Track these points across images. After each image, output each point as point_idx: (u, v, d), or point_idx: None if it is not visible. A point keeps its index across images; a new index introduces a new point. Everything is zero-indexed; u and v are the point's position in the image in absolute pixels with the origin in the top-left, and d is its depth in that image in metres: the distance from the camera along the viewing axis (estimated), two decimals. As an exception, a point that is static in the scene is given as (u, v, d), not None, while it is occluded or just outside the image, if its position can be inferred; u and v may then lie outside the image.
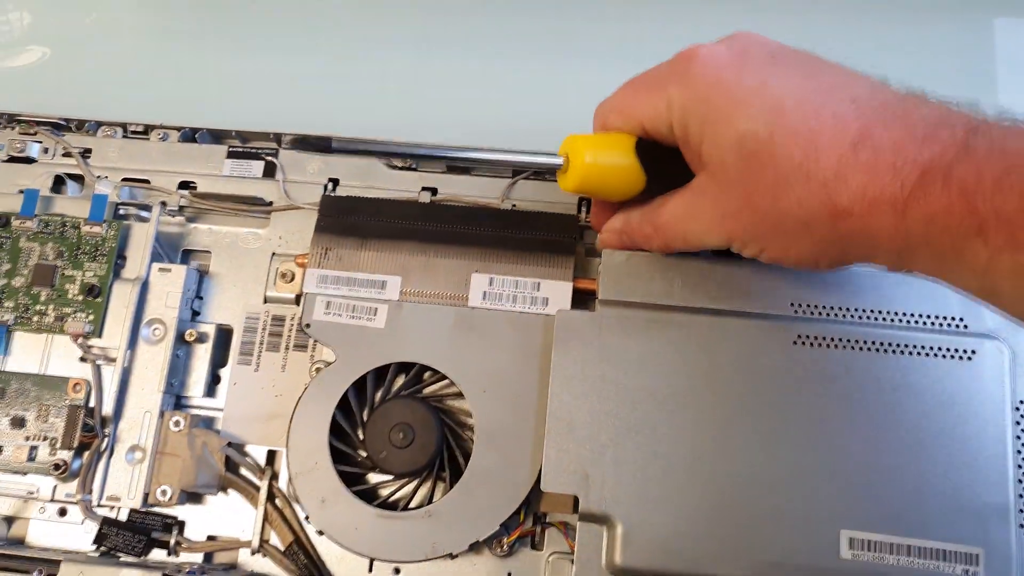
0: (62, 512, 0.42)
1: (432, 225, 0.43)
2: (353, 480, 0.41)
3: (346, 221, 0.43)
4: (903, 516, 0.37)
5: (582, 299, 0.42)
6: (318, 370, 0.42)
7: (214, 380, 0.44)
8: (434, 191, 0.45)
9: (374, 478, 0.42)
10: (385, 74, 0.53)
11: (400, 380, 0.42)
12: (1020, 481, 0.37)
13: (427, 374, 0.42)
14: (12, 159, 0.46)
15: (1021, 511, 0.37)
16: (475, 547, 0.39)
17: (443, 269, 0.42)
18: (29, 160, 0.46)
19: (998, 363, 0.38)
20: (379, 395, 0.42)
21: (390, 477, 0.41)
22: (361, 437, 0.41)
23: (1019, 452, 0.37)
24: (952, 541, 0.36)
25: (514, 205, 0.44)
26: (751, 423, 0.38)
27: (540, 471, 0.37)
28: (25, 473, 0.41)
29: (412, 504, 0.41)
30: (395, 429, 0.40)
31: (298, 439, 0.40)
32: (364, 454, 0.41)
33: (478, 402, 0.40)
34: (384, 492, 0.41)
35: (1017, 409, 0.38)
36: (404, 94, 0.52)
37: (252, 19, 0.55)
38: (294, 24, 0.54)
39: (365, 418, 0.41)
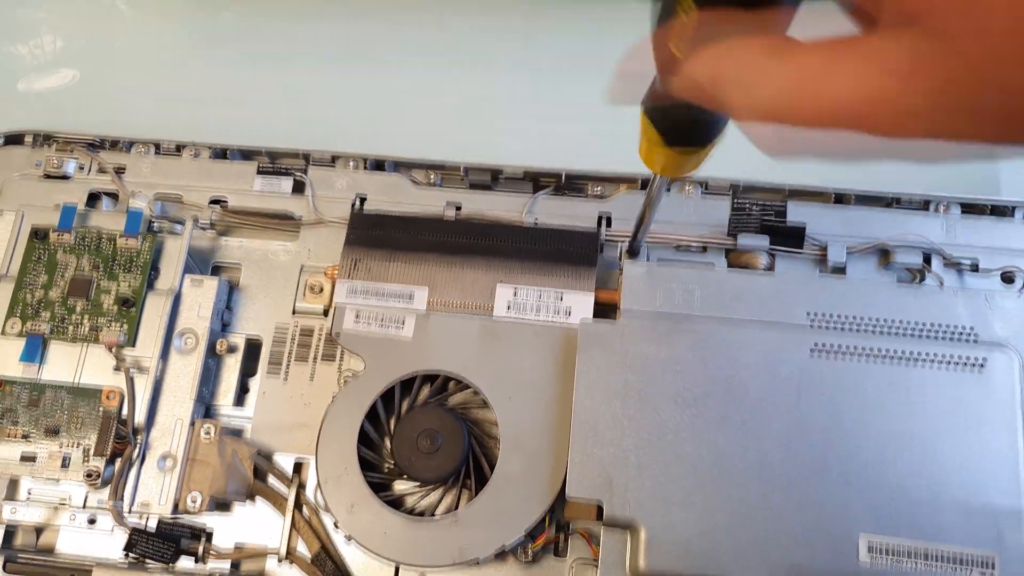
0: (91, 521, 0.42)
1: (458, 238, 0.44)
2: (380, 489, 0.41)
3: (375, 234, 0.44)
4: (918, 521, 0.38)
5: (603, 311, 0.43)
6: (347, 380, 0.43)
7: (243, 390, 0.45)
8: (458, 207, 0.47)
9: (400, 486, 0.42)
10: (411, 92, 0.55)
11: (426, 389, 0.43)
12: (1033, 485, 0.38)
13: (452, 383, 0.43)
14: (48, 176, 0.48)
15: (1035, 514, 0.37)
16: (500, 553, 0.40)
17: (469, 281, 0.43)
18: (65, 177, 0.48)
19: (1008, 371, 0.40)
20: (406, 404, 0.43)
21: (416, 486, 0.42)
22: (389, 446, 0.42)
23: (1031, 457, 0.38)
24: (967, 545, 0.37)
25: (536, 221, 0.46)
26: (770, 429, 0.39)
27: (565, 477, 0.38)
28: (58, 481, 0.42)
29: (438, 512, 0.41)
30: (422, 436, 0.41)
31: (327, 447, 0.41)
32: (391, 463, 0.42)
33: (503, 410, 0.41)
34: (410, 501, 0.42)
35: (1028, 416, 0.39)
36: (430, 111, 0.53)
37: (279, 38, 0.57)
38: (322, 43, 0.56)
39: (392, 427, 0.42)
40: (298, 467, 0.43)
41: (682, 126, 0.27)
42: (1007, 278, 0.44)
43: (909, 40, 0.15)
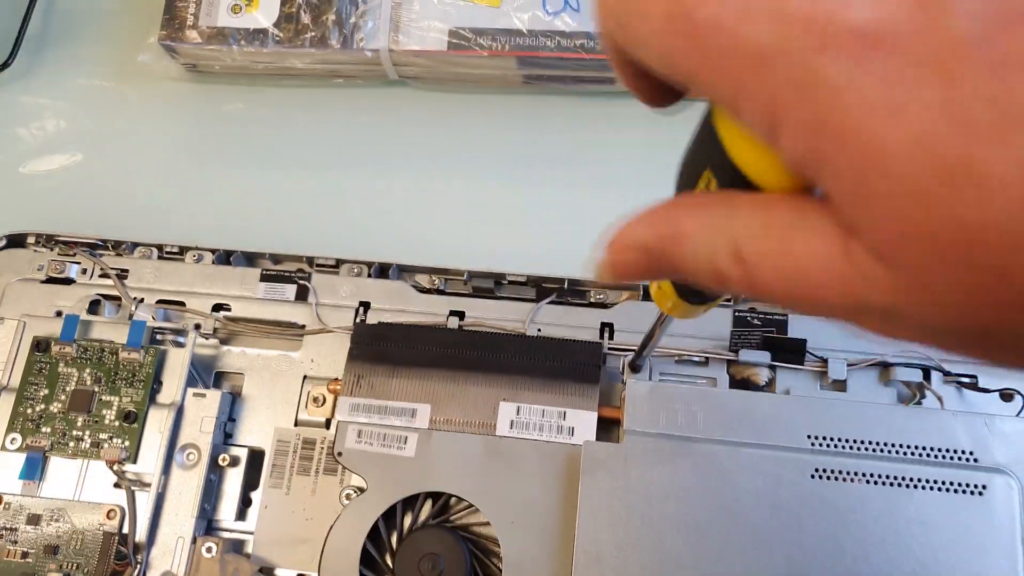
0: (90, 638, 0.42)
1: (461, 352, 0.44)
2: (382, 608, 0.41)
3: (378, 348, 0.44)
4: (921, 651, 0.38)
5: (606, 425, 0.43)
6: (349, 497, 0.43)
7: (245, 503, 0.44)
8: (461, 315, 0.47)
9: (402, 605, 0.42)
10: (416, 196, 0.55)
11: (428, 507, 0.43)
12: (1034, 618, 0.38)
13: (454, 501, 0.43)
14: (51, 280, 0.48)
15: (1037, 651, 0.38)
16: None
17: (472, 397, 0.43)
18: (68, 281, 0.48)
19: (1009, 498, 0.40)
20: (408, 521, 0.43)
21: (419, 605, 0.42)
22: (391, 565, 0.42)
23: (1032, 588, 0.39)
24: (969, 675, 0.37)
25: (540, 330, 0.46)
26: (772, 557, 0.39)
27: (568, 604, 0.38)
28: (57, 601, 0.41)
29: (440, 633, 0.41)
30: (424, 560, 0.41)
31: (330, 567, 0.41)
32: (393, 582, 0.42)
33: (505, 533, 0.41)
34: (413, 621, 0.42)
35: (1028, 544, 0.39)
36: (433, 216, 0.54)
37: (281, 140, 0.57)
38: (324, 147, 0.57)
39: (394, 544, 0.42)
40: (299, 581, 0.43)
41: (692, 287, 0.27)
42: (1006, 396, 0.44)
43: (873, 262, 0.15)
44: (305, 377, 0.46)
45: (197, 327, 0.46)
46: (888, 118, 0.13)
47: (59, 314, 0.46)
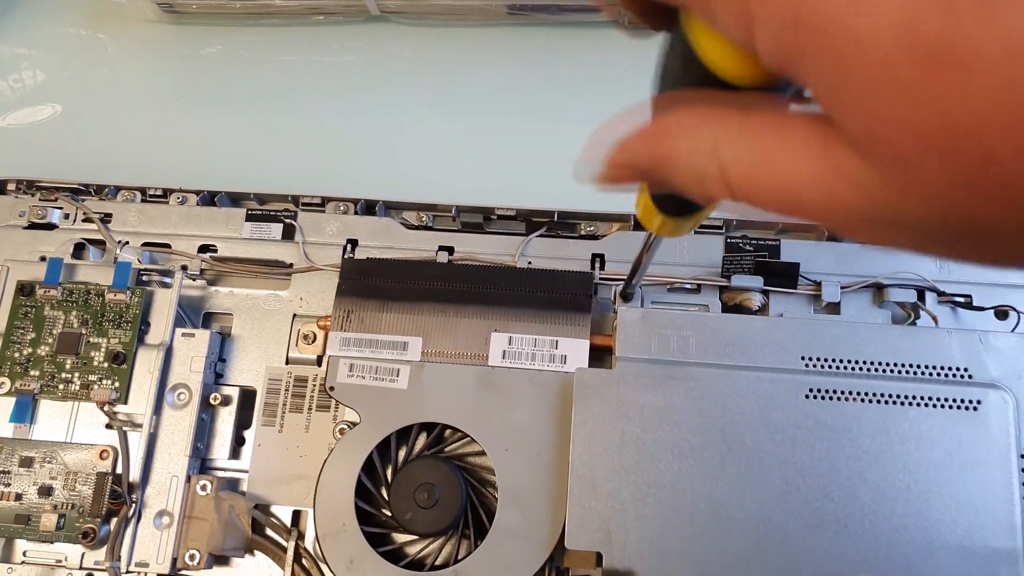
0: (89, 578, 0.42)
1: (451, 285, 0.44)
2: (379, 540, 0.41)
3: (367, 283, 0.44)
4: (916, 564, 0.38)
5: (599, 355, 0.43)
6: (342, 431, 0.43)
7: (238, 442, 0.44)
8: (451, 250, 0.46)
9: (400, 537, 0.42)
10: (401, 133, 0.54)
11: (423, 439, 0.43)
12: (1028, 528, 0.38)
13: (449, 432, 0.43)
14: (33, 225, 0.47)
15: (1031, 559, 0.38)
16: (501, 604, 0.40)
17: (463, 329, 0.43)
18: (50, 226, 0.47)
19: (1003, 412, 0.40)
20: (402, 453, 0.43)
21: (416, 536, 0.42)
22: (386, 497, 0.42)
23: (1026, 499, 0.39)
24: (964, 587, 0.38)
25: (530, 263, 0.46)
26: (767, 477, 0.39)
27: (564, 528, 0.38)
28: (53, 542, 0.41)
29: (438, 562, 0.41)
30: (419, 490, 0.41)
31: (325, 502, 0.41)
32: (389, 514, 0.42)
33: (500, 461, 0.41)
34: (410, 551, 0.42)
35: (1023, 456, 0.39)
36: (420, 153, 0.53)
37: (262, 79, 0.56)
38: (307, 84, 0.56)
39: (389, 477, 0.42)
40: (297, 517, 0.43)
41: (676, 197, 0.27)
42: (1001, 314, 0.44)
43: (860, 161, 0.14)
44: (294, 316, 0.46)
45: (184, 268, 0.46)
46: (865, 4, 0.13)
47: (43, 259, 0.45)
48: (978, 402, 0.40)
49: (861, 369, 0.41)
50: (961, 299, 0.44)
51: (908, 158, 0.13)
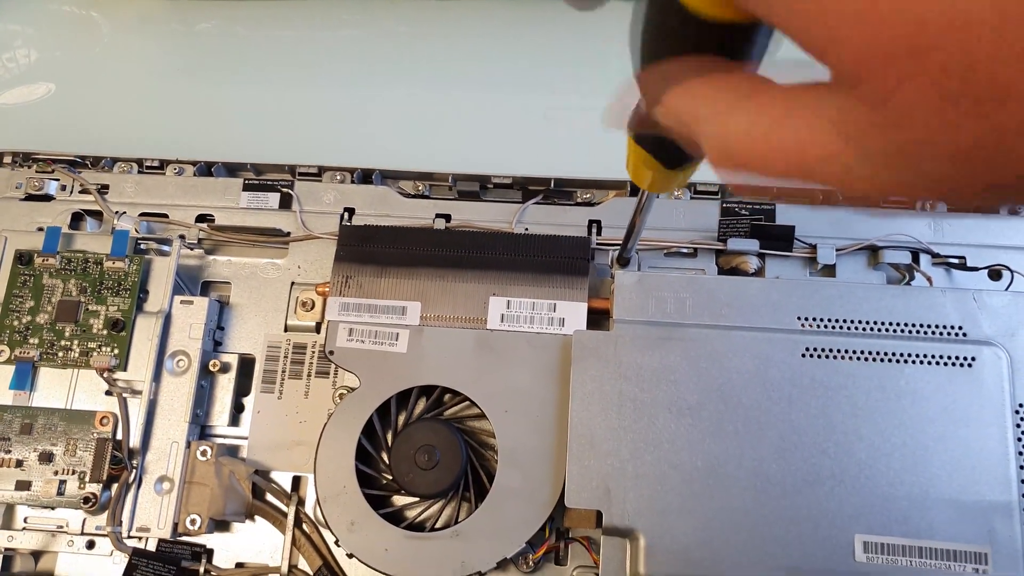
0: (90, 545, 0.42)
1: (449, 251, 0.44)
2: (380, 503, 0.41)
3: (365, 250, 0.44)
4: (913, 519, 0.38)
5: (596, 318, 0.43)
6: (342, 396, 0.43)
7: (238, 409, 0.44)
8: (448, 217, 0.46)
9: (400, 500, 0.43)
10: (397, 103, 0.54)
11: (423, 403, 0.43)
12: (1023, 481, 0.39)
13: (448, 396, 0.43)
14: (30, 197, 0.47)
15: (1025, 510, 0.38)
16: (502, 564, 0.40)
17: (461, 293, 0.43)
18: (47, 198, 0.47)
19: (997, 369, 0.40)
20: (402, 418, 0.43)
21: (416, 499, 0.42)
22: (387, 460, 0.42)
23: (1021, 453, 0.39)
24: (961, 540, 0.38)
25: (526, 229, 0.46)
26: (764, 435, 0.39)
27: (563, 488, 0.38)
28: (54, 507, 0.41)
29: (438, 524, 0.42)
30: (420, 452, 0.41)
31: (325, 464, 0.41)
32: (390, 477, 0.42)
33: (500, 422, 0.41)
34: (411, 514, 0.42)
35: (1017, 412, 0.40)
36: (416, 122, 0.53)
37: (257, 53, 0.56)
38: (303, 58, 0.56)
39: (390, 441, 0.42)
40: (297, 483, 0.43)
41: (668, 146, 0.27)
42: (994, 274, 0.44)
43: (852, 103, 0.15)
44: (293, 283, 0.46)
45: (181, 237, 0.46)
46: None
47: (40, 230, 0.45)
48: (972, 359, 0.40)
49: (857, 328, 0.41)
50: (955, 260, 0.44)
51: (891, 81, 0.14)
